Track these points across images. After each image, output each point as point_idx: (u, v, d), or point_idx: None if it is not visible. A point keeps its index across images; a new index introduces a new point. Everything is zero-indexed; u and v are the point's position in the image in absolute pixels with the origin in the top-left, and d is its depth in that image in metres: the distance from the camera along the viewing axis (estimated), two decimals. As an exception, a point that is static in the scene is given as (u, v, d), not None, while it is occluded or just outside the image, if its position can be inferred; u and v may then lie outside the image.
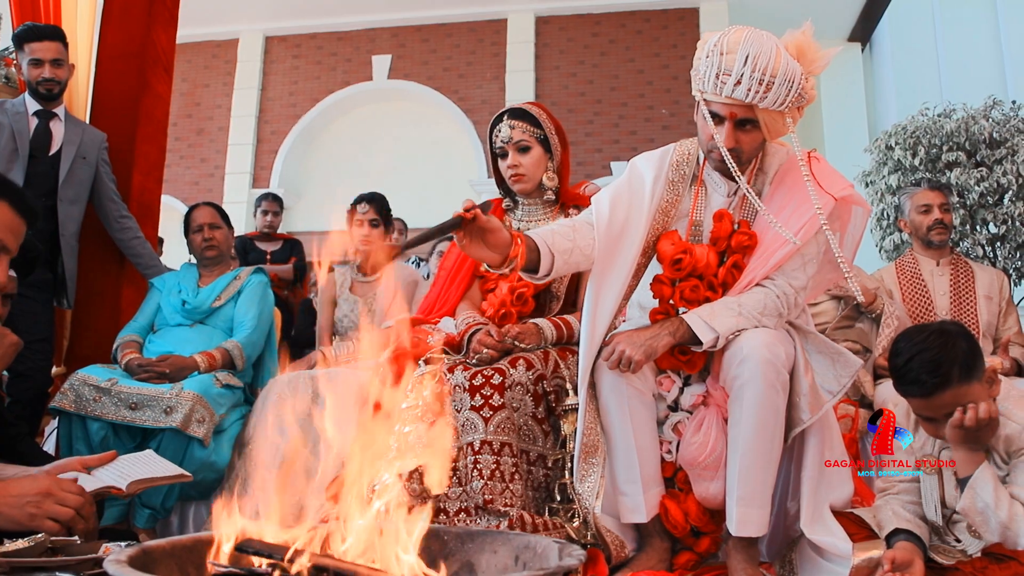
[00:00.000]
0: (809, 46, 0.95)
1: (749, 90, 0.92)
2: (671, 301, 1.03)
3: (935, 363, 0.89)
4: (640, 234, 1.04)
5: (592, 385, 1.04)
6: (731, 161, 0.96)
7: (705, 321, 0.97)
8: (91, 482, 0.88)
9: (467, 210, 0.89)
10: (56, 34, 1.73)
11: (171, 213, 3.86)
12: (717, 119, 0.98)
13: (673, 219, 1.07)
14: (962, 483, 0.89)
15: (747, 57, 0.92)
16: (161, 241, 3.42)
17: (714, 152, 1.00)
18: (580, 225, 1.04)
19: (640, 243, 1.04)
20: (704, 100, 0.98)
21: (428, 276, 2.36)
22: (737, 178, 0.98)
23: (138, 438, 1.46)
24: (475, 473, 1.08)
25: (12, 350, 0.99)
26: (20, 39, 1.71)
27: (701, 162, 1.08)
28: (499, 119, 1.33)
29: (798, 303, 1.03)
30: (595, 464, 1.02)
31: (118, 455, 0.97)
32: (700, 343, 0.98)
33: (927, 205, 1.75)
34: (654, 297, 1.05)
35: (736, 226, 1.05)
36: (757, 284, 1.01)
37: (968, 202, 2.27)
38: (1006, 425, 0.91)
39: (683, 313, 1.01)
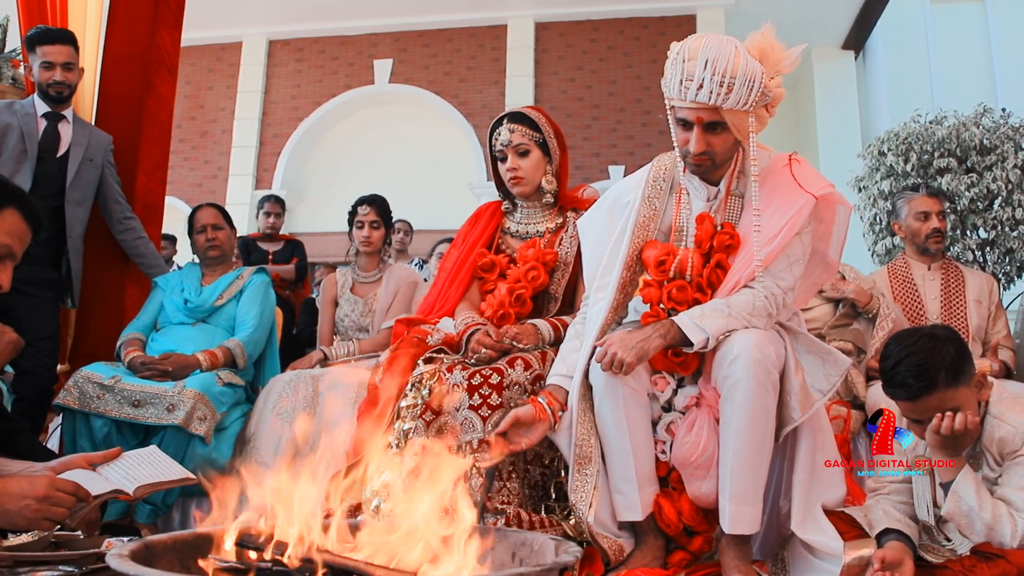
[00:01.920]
0: (771, 47, 0.97)
1: (711, 93, 0.95)
2: (661, 304, 1.05)
3: (922, 367, 0.90)
4: (614, 254, 1.08)
5: (584, 396, 1.05)
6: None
7: (695, 322, 0.99)
8: (98, 483, 0.89)
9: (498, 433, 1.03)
10: (68, 38, 1.74)
11: (175, 214, 3.89)
12: (686, 125, 1.01)
13: (654, 231, 1.09)
14: (945, 487, 0.91)
15: (707, 61, 0.95)
16: (174, 239, 3.43)
17: (688, 157, 1.03)
18: (579, 322, 1.12)
19: (620, 259, 1.07)
20: (673, 107, 1.01)
21: (428, 279, 2.38)
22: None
23: (141, 435, 1.47)
24: (473, 471, 1.10)
25: (11, 347, 1.01)
26: (32, 41, 1.72)
27: (682, 170, 1.10)
28: (499, 123, 1.35)
29: (786, 304, 1.04)
30: (588, 475, 1.03)
31: (123, 452, 0.98)
32: (691, 344, 1.00)
33: (926, 212, 1.76)
34: (644, 301, 1.07)
35: (719, 227, 1.07)
36: (745, 286, 1.03)
37: (959, 207, 2.29)
38: (1000, 428, 0.92)
39: (673, 315, 1.03)
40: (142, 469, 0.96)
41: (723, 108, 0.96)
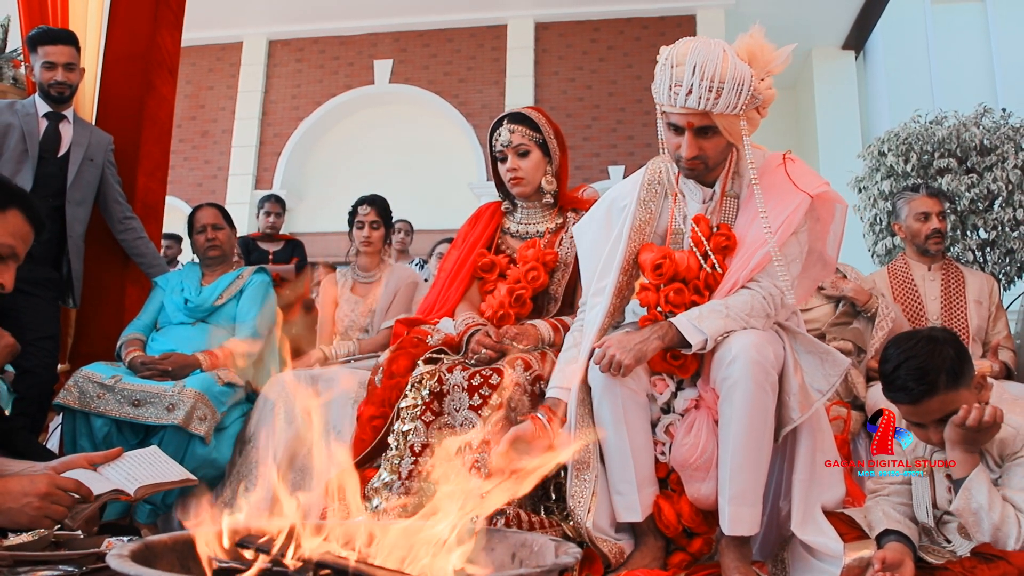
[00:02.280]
0: (760, 49, 0.97)
1: (700, 98, 0.95)
2: (658, 307, 1.05)
3: (922, 371, 0.90)
4: (611, 258, 1.08)
5: (582, 402, 1.05)
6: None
7: (693, 324, 0.99)
8: (99, 482, 0.89)
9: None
10: (70, 38, 1.75)
11: (175, 214, 3.89)
12: (677, 130, 1.01)
13: (650, 235, 1.09)
14: (956, 484, 0.91)
15: (695, 67, 0.95)
16: (179, 239, 3.44)
17: (681, 161, 1.03)
18: (577, 330, 1.11)
19: (616, 263, 1.07)
20: (663, 112, 1.01)
21: (428, 279, 2.39)
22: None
23: (141, 434, 1.48)
24: (473, 472, 1.10)
25: (7, 351, 1.01)
26: (34, 41, 1.73)
27: (675, 173, 1.10)
28: (499, 123, 1.35)
29: (785, 303, 1.04)
30: (586, 480, 1.03)
31: (124, 452, 0.98)
32: (689, 346, 1.00)
33: (926, 213, 1.76)
34: (641, 305, 1.07)
35: (715, 228, 1.07)
36: (742, 286, 1.03)
37: (959, 208, 2.29)
38: (1001, 429, 0.92)
39: (671, 317, 1.03)
40: (143, 469, 0.96)
41: (713, 112, 0.96)
